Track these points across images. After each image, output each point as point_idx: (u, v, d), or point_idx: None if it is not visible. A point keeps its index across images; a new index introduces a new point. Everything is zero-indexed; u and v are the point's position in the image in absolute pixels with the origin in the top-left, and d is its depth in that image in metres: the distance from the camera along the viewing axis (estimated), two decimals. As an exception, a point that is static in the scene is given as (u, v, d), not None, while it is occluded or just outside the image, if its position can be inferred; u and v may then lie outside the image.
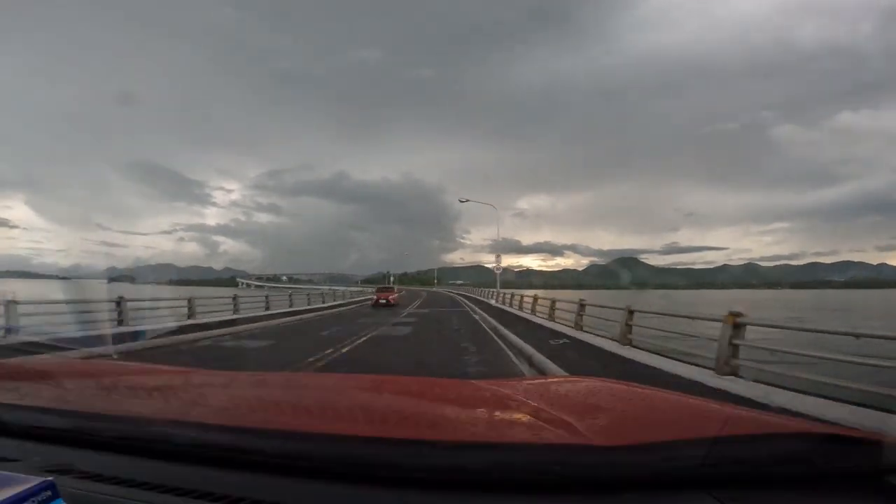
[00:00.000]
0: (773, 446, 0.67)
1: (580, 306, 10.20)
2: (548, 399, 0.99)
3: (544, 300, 13.93)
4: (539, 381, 1.58)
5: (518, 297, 17.94)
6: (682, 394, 1.04)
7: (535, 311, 14.43)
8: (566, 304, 11.90)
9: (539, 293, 15.89)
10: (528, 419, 0.82)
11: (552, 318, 12.07)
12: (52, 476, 0.50)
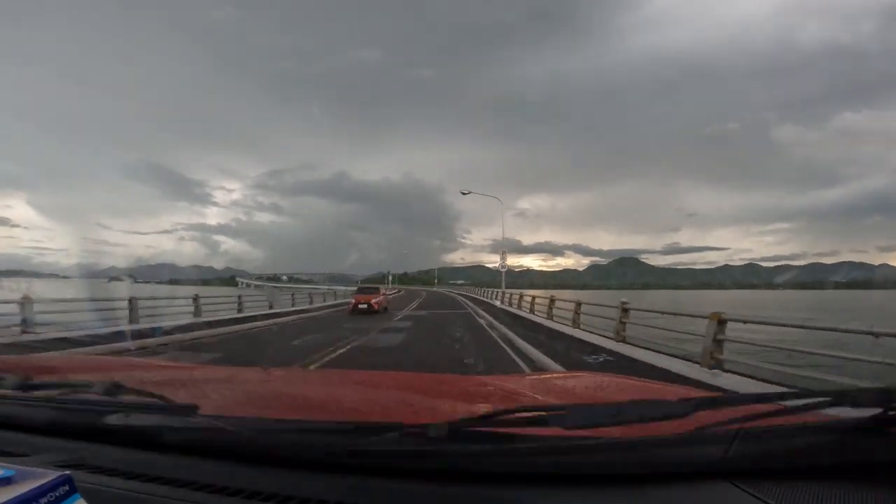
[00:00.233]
0: (796, 437, 0.67)
1: (623, 311, 7.67)
2: (555, 393, 0.99)
3: (564, 302, 11.83)
4: (544, 377, 1.59)
5: (528, 298, 15.76)
6: (693, 388, 1.03)
7: (551, 316, 12.17)
8: (588, 306, 9.98)
9: (555, 294, 14.13)
10: (537, 413, 0.82)
11: (576, 324, 9.89)
12: (67, 471, 0.49)
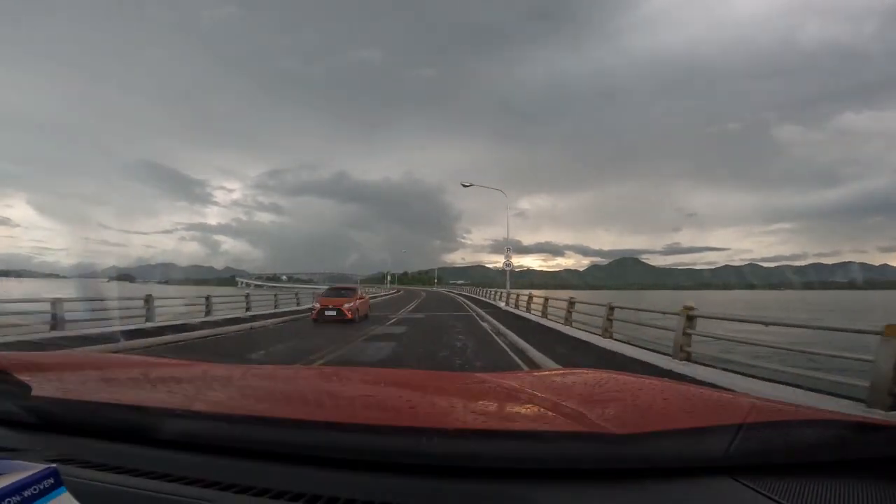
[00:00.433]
0: (798, 433, 0.67)
1: (690, 318, 5.88)
2: (555, 390, 0.99)
3: (584, 305, 10.42)
4: (544, 374, 1.60)
5: (539, 300, 13.96)
6: (692, 385, 1.07)
7: (569, 321, 10.62)
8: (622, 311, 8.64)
9: (571, 294, 12.56)
10: (539, 409, 0.83)
11: (608, 333, 8.22)
12: (55, 465, 0.49)
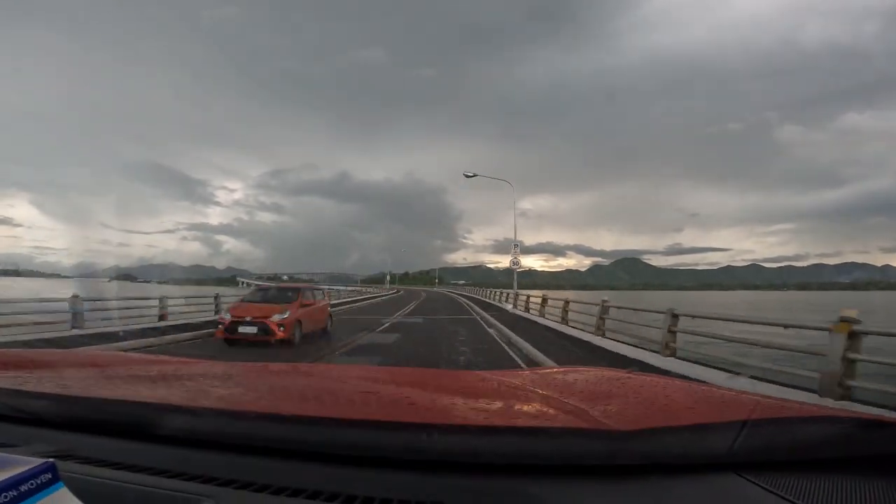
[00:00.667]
0: (802, 430, 0.67)
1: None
2: (556, 388, 0.99)
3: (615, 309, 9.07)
4: (545, 371, 1.64)
5: (555, 303, 12.11)
6: (693, 382, 1.07)
7: (601, 330, 8.76)
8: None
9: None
10: (540, 405, 0.83)
11: (670, 349, 6.69)
12: (52, 460, 0.49)
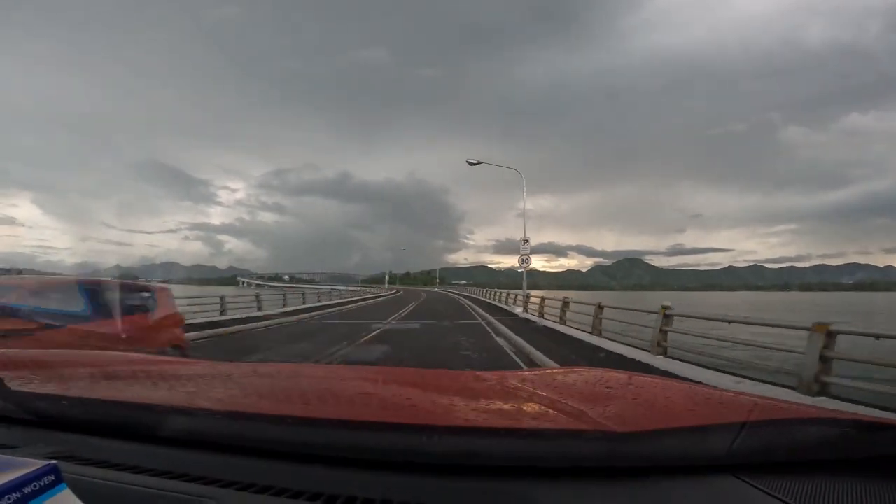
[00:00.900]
0: (802, 432, 0.67)
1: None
2: (555, 388, 1.00)
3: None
4: (544, 372, 1.63)
5: (580, 308, 10.40)
6: (693, 383, 1.04)
7: (661, 346, 6.48)
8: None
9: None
10: (539, 407, 0.83)
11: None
12: (55, 461, 0.49)
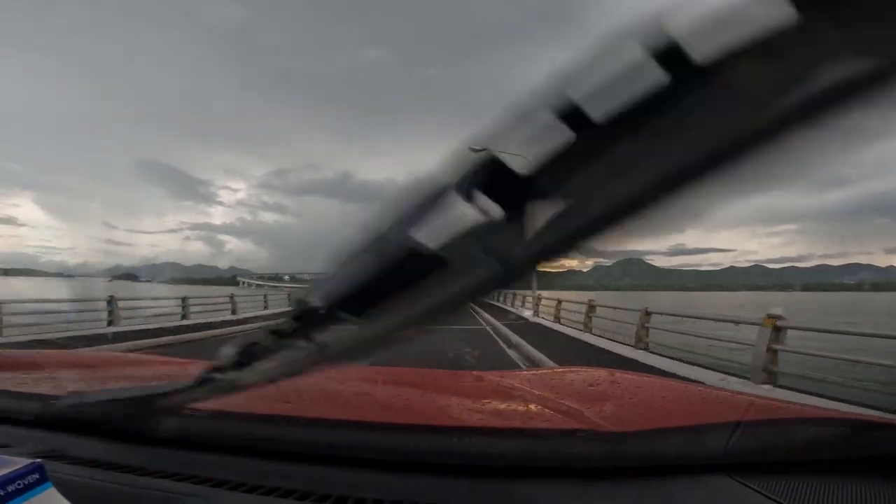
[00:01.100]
0: (797, 431, 0.67)
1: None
2: (552, 388, 1.01)
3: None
4: (541, 372, 1.65)
5: (610, 312, 9.08)
6: (690, 382, 1.03)
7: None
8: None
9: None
10: (536, 407, 0.84)
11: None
12: (40, 460, 0.48)
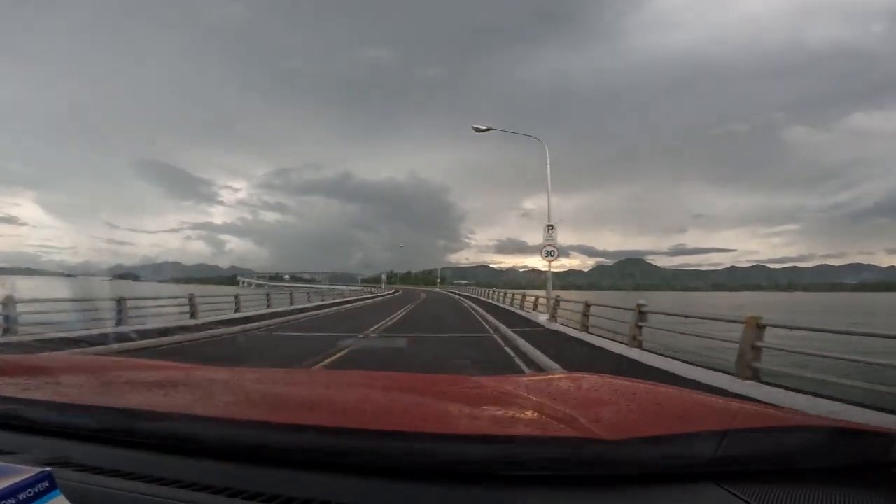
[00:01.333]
0: (784, 439, 0.68)
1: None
2: (549, 395, 1.00)
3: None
4: (540, 378, 1.61)
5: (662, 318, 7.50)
6: (685, 389, 1.07)
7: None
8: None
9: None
10: (532, 414, 0.83)
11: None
12: (50, 468, 0.49)
